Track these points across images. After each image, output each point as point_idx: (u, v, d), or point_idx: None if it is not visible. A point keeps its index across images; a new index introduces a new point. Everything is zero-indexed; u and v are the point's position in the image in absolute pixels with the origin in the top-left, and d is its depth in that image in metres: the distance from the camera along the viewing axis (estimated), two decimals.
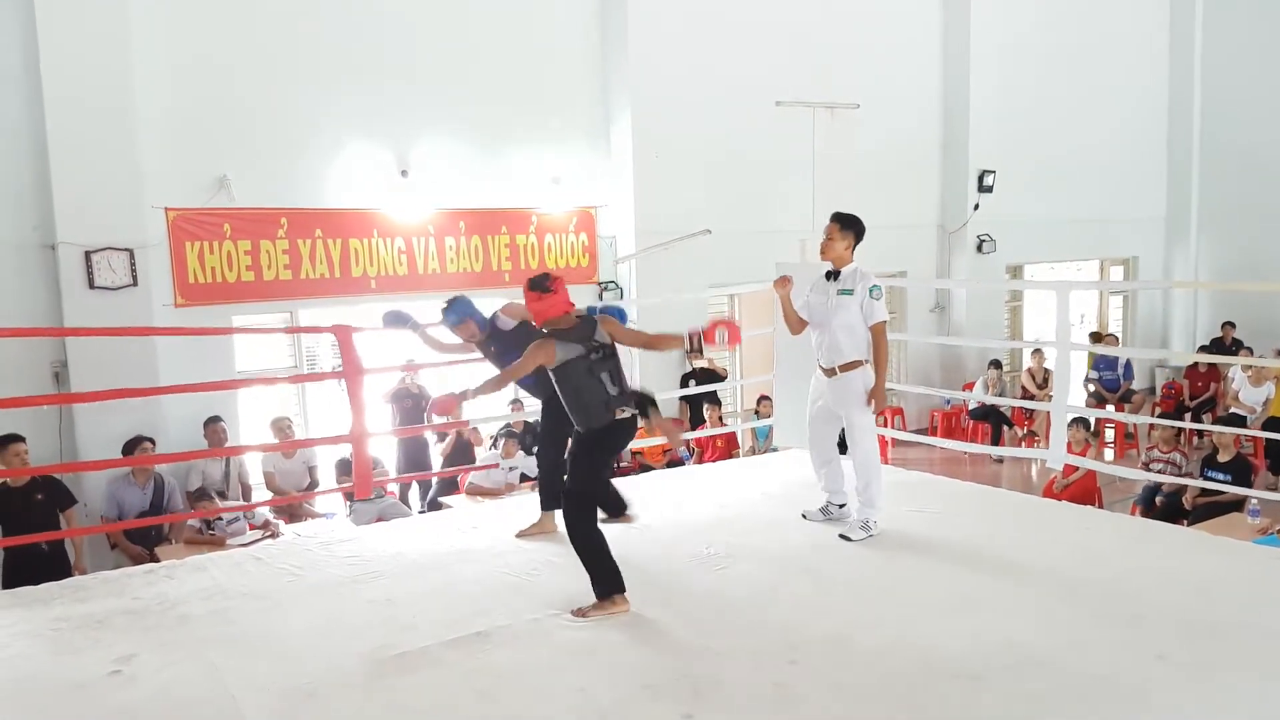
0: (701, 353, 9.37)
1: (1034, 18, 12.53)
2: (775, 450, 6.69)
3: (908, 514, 4.93)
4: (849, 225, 4.53)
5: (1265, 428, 9.98)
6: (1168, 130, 14.34)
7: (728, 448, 9.05)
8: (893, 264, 11.79)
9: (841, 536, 4.48)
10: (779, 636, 3.46)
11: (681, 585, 4.01)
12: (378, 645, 3.43)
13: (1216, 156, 13.95)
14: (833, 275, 4.53)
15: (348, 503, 7.21)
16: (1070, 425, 7.50)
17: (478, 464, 7.75)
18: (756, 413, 9.40)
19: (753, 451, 8.94)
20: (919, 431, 10.95)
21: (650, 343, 4.09)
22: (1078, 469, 6.62)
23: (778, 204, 10.26)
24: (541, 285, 3.74)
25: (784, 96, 10.63)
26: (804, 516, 4.81)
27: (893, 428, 10.49)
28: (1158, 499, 7.62)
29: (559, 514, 4.16)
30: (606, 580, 3.67)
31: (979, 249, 12.20)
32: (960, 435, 11.16)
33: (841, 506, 4.77)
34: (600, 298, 9.78)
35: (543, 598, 3.86)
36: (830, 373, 4.53)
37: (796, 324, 4.71)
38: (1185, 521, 6.74)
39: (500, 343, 4.67)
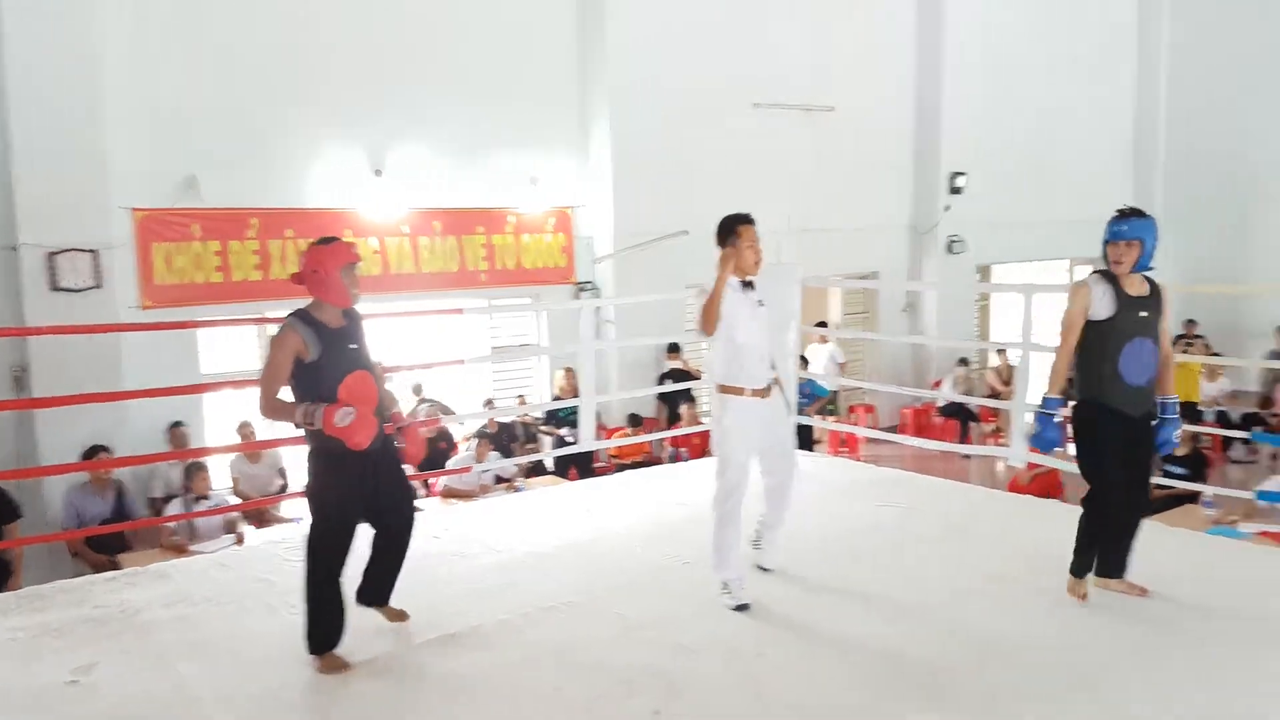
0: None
1: (1005, 23, 12.65)
2: None
3: (877, 510, 5.00)
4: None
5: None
6: (1134, 133, 14.56)
7: (703, 445, 9.06)
8: (865, 264, 11.90)
9: None
10: (750, 632, 3.48)
11: (658, 584, 4.02)
12: (347, 650, 3.37)
13: (1182, 159, 14.19)
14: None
15: None
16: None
17: (449, 467, 7.69)
18: None
19: None
20: (890, 429, 11.02)
21: None
22: (1040, 465, 6.70)
23: (755, 206, 10.18)
24: None
25: (761, 99, 10.68)
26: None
27: (864, 425, 10.58)
28: None
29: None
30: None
31: (949, 249, 12.31)
32: (931, 432, 11.25)
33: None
34: (577, 297, 9.76)
35: (515, 599, 3.84)
36: None
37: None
38: None
39: None
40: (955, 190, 12.23)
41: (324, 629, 3.26)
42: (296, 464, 7.73)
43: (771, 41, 10.72)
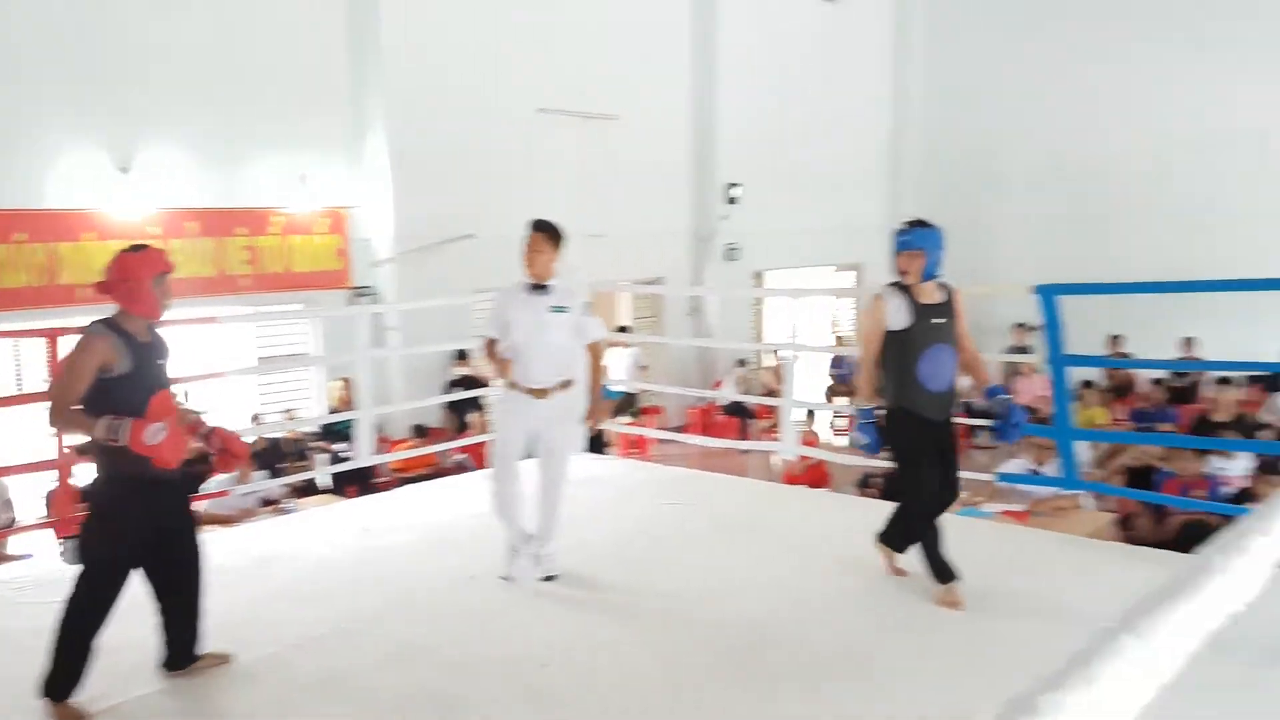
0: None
1: (774, 38, 13.39)
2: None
3: (664, 508, 5.11)
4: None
5: None
6: (889, 142, 15.83)
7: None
8: (650, 270, 12.20)
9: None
10: (536, 644, 3.44)
11: (438, 601, 3.89)
12: (82, 699, 3.01)
13: (933, 166, 15.57)
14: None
15: (61, 540, 6.34)
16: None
17: (205, 490, 7.03)
18: None
19: None
20: (678, 429, 11.34)
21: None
22: (809, 457, 7.13)
23: (541, 211, 10.06)
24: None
25: (545, 105, 10.68)
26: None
27: (653, 426, 10.85)
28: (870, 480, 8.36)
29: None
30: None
31: (726, 256, 12.89)
32: (714, 430, 11.69)
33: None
34: (353, 303, 9.30)
35: (279, 630, 3.59)
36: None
37: None
38: None
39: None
40: (731, 200, 12.82)
41: (66, 672, 2.95)
42: (25, 494, 6.89)
43: (554, 48, 10.76)
